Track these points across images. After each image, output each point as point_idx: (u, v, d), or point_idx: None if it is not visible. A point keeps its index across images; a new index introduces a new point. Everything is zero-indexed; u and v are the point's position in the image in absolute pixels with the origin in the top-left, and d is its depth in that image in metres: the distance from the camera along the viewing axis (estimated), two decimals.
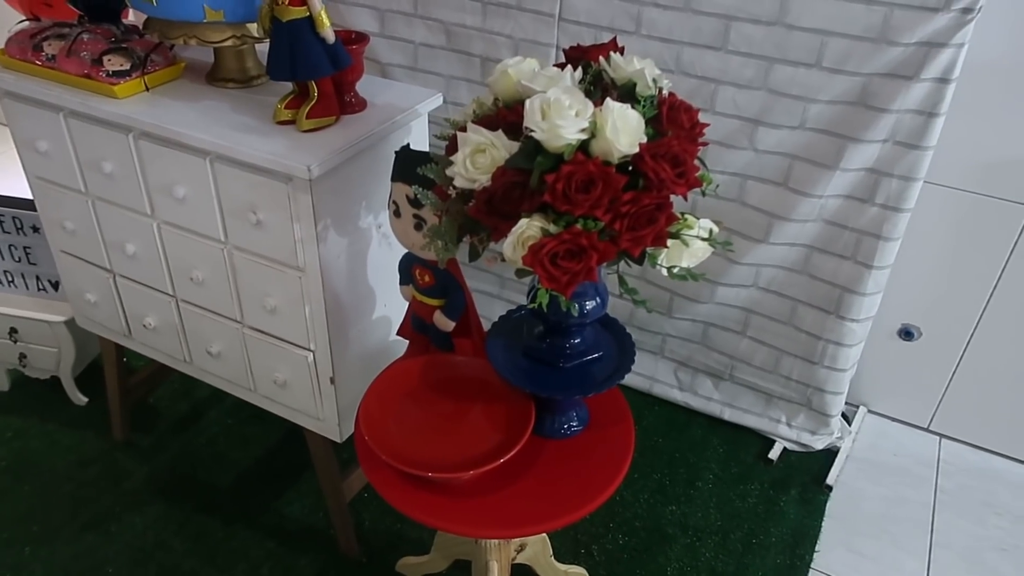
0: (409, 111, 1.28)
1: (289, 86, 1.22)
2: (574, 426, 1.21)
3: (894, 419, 2.05)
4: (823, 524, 1.77)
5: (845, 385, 1.86)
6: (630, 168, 0.90)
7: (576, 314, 1.05)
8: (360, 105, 1.27)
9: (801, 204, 1.68)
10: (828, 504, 1.81)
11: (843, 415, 1.96)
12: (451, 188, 0.94)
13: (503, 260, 0.92)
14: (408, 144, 1.11)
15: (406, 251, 1.21)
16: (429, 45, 1.92)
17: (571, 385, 1.13)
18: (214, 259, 1.33)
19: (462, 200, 0.95)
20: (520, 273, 0.91)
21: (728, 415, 1.98)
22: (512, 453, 1.07)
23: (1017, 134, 1.60)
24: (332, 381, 1.35)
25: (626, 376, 1.13)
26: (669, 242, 0.89)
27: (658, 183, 0.87)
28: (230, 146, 1.16)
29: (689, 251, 0.92)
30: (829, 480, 1.85)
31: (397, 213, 1.11)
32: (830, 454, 1.93)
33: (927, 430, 2.02)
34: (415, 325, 1.25)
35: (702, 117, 0.96)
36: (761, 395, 1.96)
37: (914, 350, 1.93)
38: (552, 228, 0.86)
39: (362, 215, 1.29)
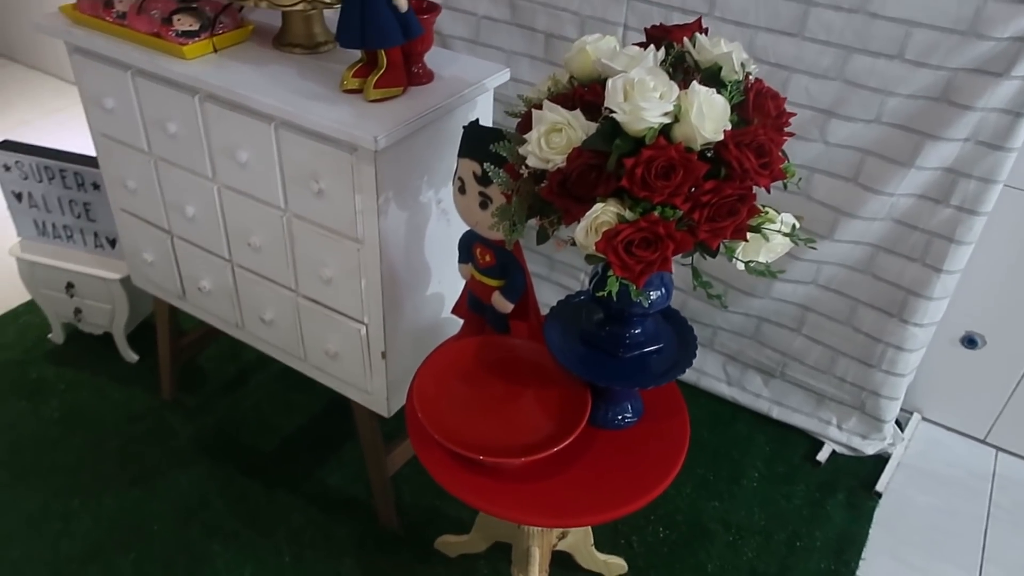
0: (476, 85, 1.25)
1: (357, 54, 1.20)
2: (628, 417, 1.19)
3: (949, 428, 1.98)
4: (870, 531, 1.72)
5: (902, 391, 1.80)
6: (710, 156, 0.86)
7: (655, 294, 1.02)
8: (427, 77, 1.24)
9: (871, 201, 1.62)
10: (876, 511, 1.76)
11: (896, 421, 1.90)
12: (523, 167, 0.91)
13: (573, 244, 0.90)
14: (477, 120, 1.09)
15: (467, 229, 1.18)
16: (492, 18, 1.89)
17: (629, 376, 1.11)
18: (272, 226, 1.33)
19: (533, 180, 0.92)
20: (591, 259, 0.88)
21: (776, 413, 1.94)
22: (567, 442, 1.05)
23: None
24: (383, 355, 1.34)
25: None
26: (748, 235, 0.85)
27: (741, 173, 0.84)
28: (296, 112, 1.15)
29: (768, 246, 0.88)
30: (879, 487, 1.80)
31: (462, 190, 1.08)
32: (880, 460, 1.87)
33: (983, 442, 1.96)
34: (471, 304, 1.23)
35: None
36: (812, 395, 1.91)
37: (976, 359, 1.86)
38: (628, 215, 0.83)
39: (423, 189, 1.27)
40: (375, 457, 1.55)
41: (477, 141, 1.04)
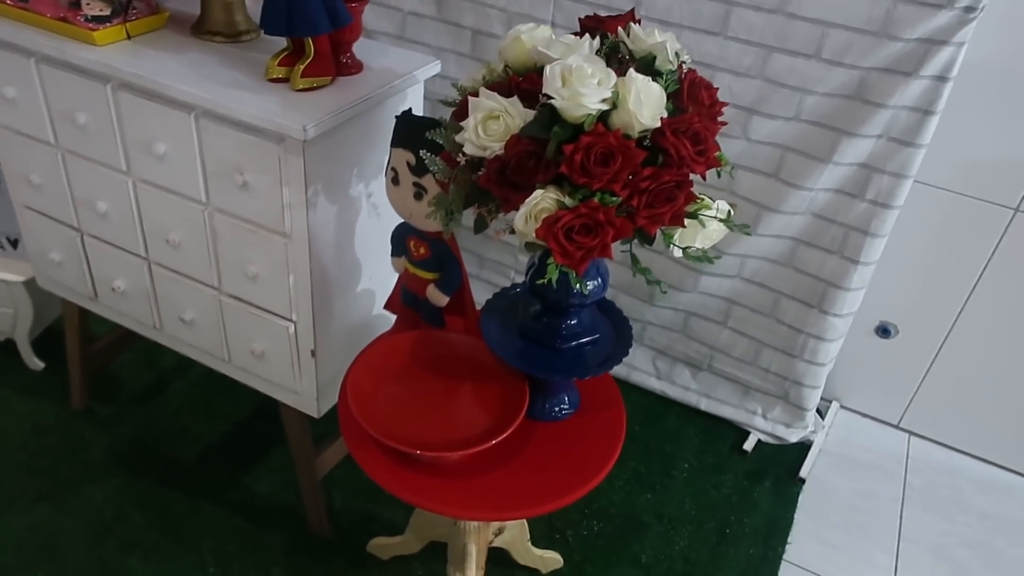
0: (407, 76, 1.23)
1: (282, 43, 1.16)
2: (565, 409, 1.19)
3: (865, 415, 2.07)
4: (795, 516, 1.77)
5: (823, 379, 1.87)
6: (647, 144, 0.87)
7: (583, 293, 1.02)
8: (356, 67, 1.21)
9: (791, 196, 1.67)
10: (800, 496, 1.82)
11: (816, 410, 1.97)
12: (460, 155, 0.89)
13: (511, 233, 0.89)
14: (410, 109, 1.07)
15: (400, 221, 1.16)
16: (418, 14, 1.87)
17: (566, 367, 1.10)
18: (193, 221, 1.27)
19: (470, 169, 0.91)
20: (530, 247, 0.87)
21: (705, 405, 1.98)
22: (505, 434, 1.04)
23: (1006, 136, 1.61)
24: (313, 354, 1.30)
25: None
26: (686, 222, 0.86)
27: (679, 160, 0.84)
28: (220, 101, 1.10)
29: (704, 232, 0.89)
30: (802, 473, 1.86)
31: (396, 181, 1.06)
32: (803, 447, 1.94)
33: (897, 427, 2.05)
34: (405, 299, 1.21)
35: None
36: (738, 386, 1.96)
37: (889, 348, 1.95)
38: (568, 201, 0.83)
39: (353, 183, 1.24)
40: (305, 460, 1.50)
41: (411, 130, 1.02)
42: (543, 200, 0.83)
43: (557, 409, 1.18)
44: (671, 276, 1.87)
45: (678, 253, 0.92)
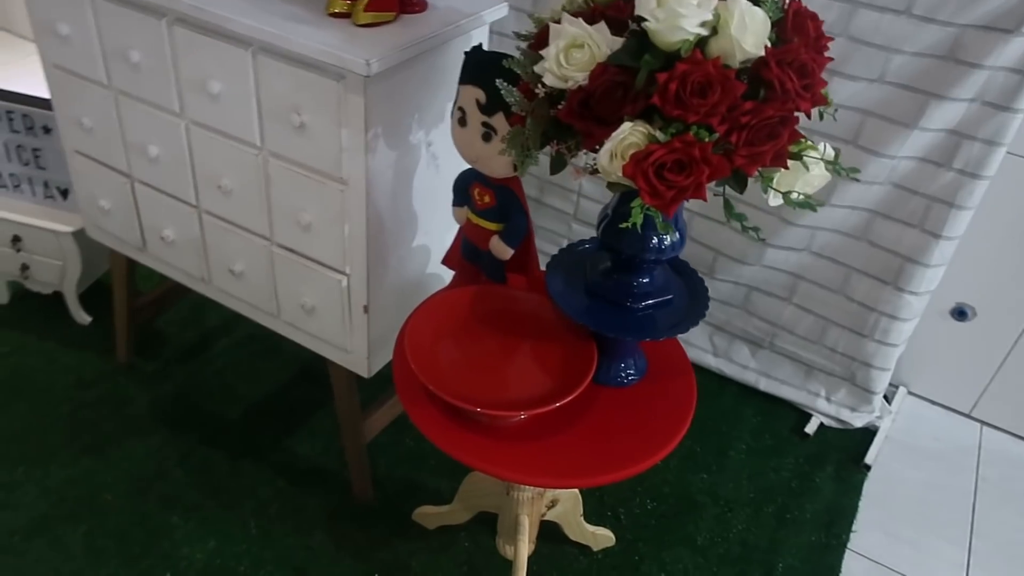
0: (474, 16, 1.16)
1: None
2: (631, 375, 1.11)
3: (934, 402, 1.96)
4: (860, 504, 1.68)
5: (893, 362, 1.76)
6: (745, 77, 0.79)
7: (670, 238, 0.95)
8: (420, 5, 1.14)
9: (871, 164, 1.57)
10: (865, 484, 1.73)
11: (883, 395, 1.87)
12: (538, 87, 0.82)
13: (593, 173, 0.82)
14: (480, 44, 0.99)
15: (464, 169, 1.09)
16: None
17: (637, 327, 1.03)
18: (247, 166, 1.21)
19: (549, 103, 0.84)
20: (614, 187, 0.80)
21: (764, 385, 1.89)
22: (573, 395, 0.97)
23: None
24: (366, 310, 1.25)
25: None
26: (789, 163, 0.78)
27: (783, 94, 0.76)
28: (278, 34, 1.04)
29: (806, 177, 0.81)
30: (867, 459, 1.76)
31: (463, 121, 0.99)
32: (867, 433, 1.84)
33: (968, 416, 1.93)
34: (465, 253, 1.14)
35: None
36: (801, 366, 1.86)
37: (965, 332, 1.84)
38: (660, 136, 0.75)
39: (414, 129, 1.18)
40: (351, 423, 1.45)
41: (481, 66, 0.95)
42: (631, 134, 0.76)
43: (623, 374, 1.11)
44: (733, 247, 1.78)
45: (775, 201, 0.83)
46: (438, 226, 1.34)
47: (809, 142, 0.81)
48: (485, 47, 1.21)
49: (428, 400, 1.04)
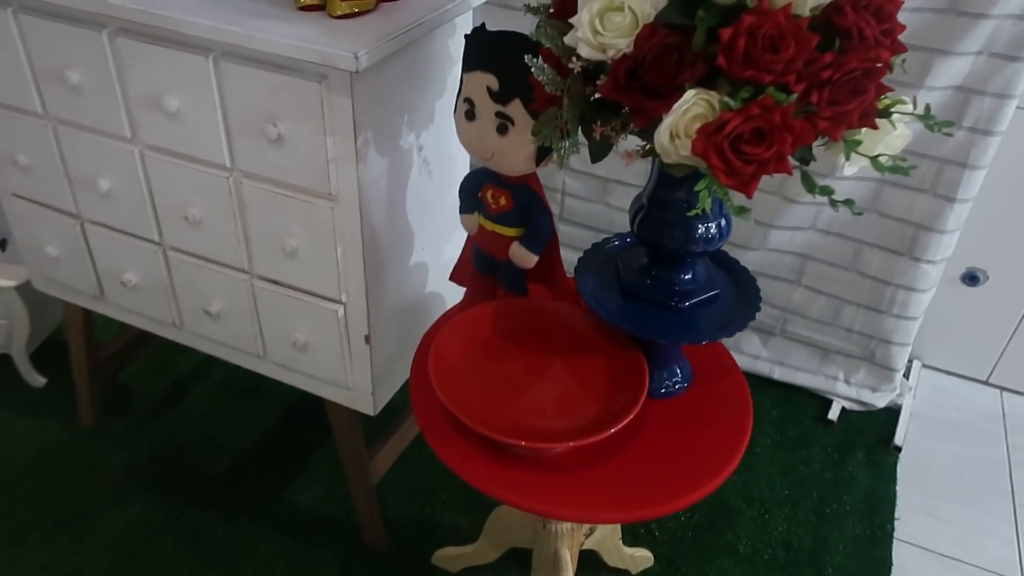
0: (460, 1, 1.03)
1: None
2: (679, 383, 1.00)
3: (950, 373, 1.89)
4: (897, 488, 1.60)
5: (913, 335, 1.69)
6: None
7: (716, 227, 0.84)
8: None
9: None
10: (899, 466, 1.64)
11: None
12: (573, 61, 0.70)
13: (647, 155, 0.70)
14: (483, 24, 0.87)
15: (471, 171, 0.97)
16: None
17: (688, 329, 0.92)
18: (216, 192, 1.07)
19: (583, 79, 0.72)
20: (677, 168, 0.68)
21: (778, 374, 1.80)
22: (629, 418, 0.85)
23: None
24: (367, 340, 1.11)
25: None
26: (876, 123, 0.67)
27: (862, 42, 0.65)
28: (244, 33, 0.90)
29: (887, 139, 0.71)
30: (897, 440, 1.68)
31: (470, 115, 0.86)
32: (891, 413, 1.76)
33: (987, 383, 1.87)
34: (479, 265, 1.01)
35: None
36: (816, 351, 1.78)
37: (977, 297, 1.77)
38: (732, 103, 0.64)
39: (404, 132, 1.05)
40: (357, 465, 1.31)
41: (489, 48, 0.82)
42: (696, 104, 0.64)
43: (670, 383, 0.99)
44: (736, 234, 1.69)
45: (850, 169, 0.73)
46: (434, 240, 1.22)
47: (899, 96, 0.70)
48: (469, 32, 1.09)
49: (457, 435, 0.91)
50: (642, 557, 1.39)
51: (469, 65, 0.84)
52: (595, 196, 1.80)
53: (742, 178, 0.64)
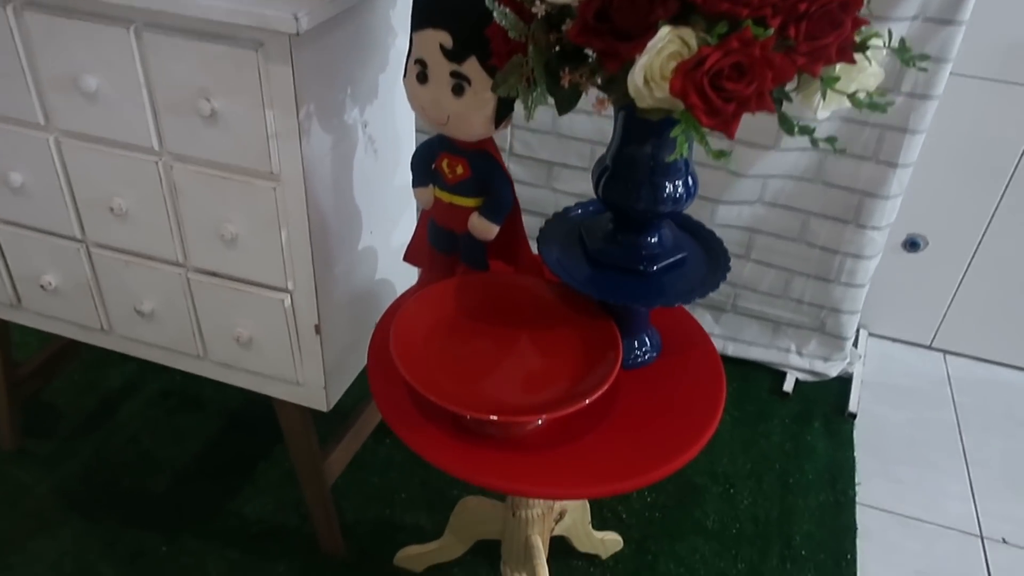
0: None
1: None
2: (649, 352, 0.97)
3: (896, 340, 1.93)
4: (855, 455, 1.61)
5: (861, 303, 1.71)
6: None
7: (683, 187, 0.80)
8: None
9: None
10: (855, 433, 1.66)
11: None
12: (536, 4, 0.66)
13: (618, 102, 0.66)
14: None
15: (423, 141, 0.91)
16: None
17: (659, 292, 0.88)
18: (144, 179, 0.99)
19: (547, 25, 0.67)
20: (652, 113, 0.64)
21: (732, 350, 1.80)
22: (605, 386, 0.81)
23: None
24: (317, 330, 1.04)
25: None
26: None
27: None
28: None
29: (861, 77, 0.69)
30: (851, 408, 1.70)
31: (423, 77, 0.81)
32: (843, 382, 1.78)
33: (930, 348, 1.91)
34: (436, 241, 0.96)
35: None
36: (767, 324, 1.78)
37: (918, 263, 1.81)
38: (709, 39, 0.60)
39: (348, 106, 0.99)
40: (310, 469, 1.24)
41: (440, 3, 0.77)
42: (672, 41, 0.61)
43: (640, 352, 0.96)
44: None
45: (823, 113, 0.71)
46: (383, 223, 1.16)
47: (874, 30, 0.68)
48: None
49: (424, 420, 0.86)
50: (612, 540, 1.36)
51: (419, 23, 0.79)
52: (540, 181, 1.76)
53: (723, 117, 0.60)
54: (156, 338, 1.15)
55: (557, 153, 1.71)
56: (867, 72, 0.69)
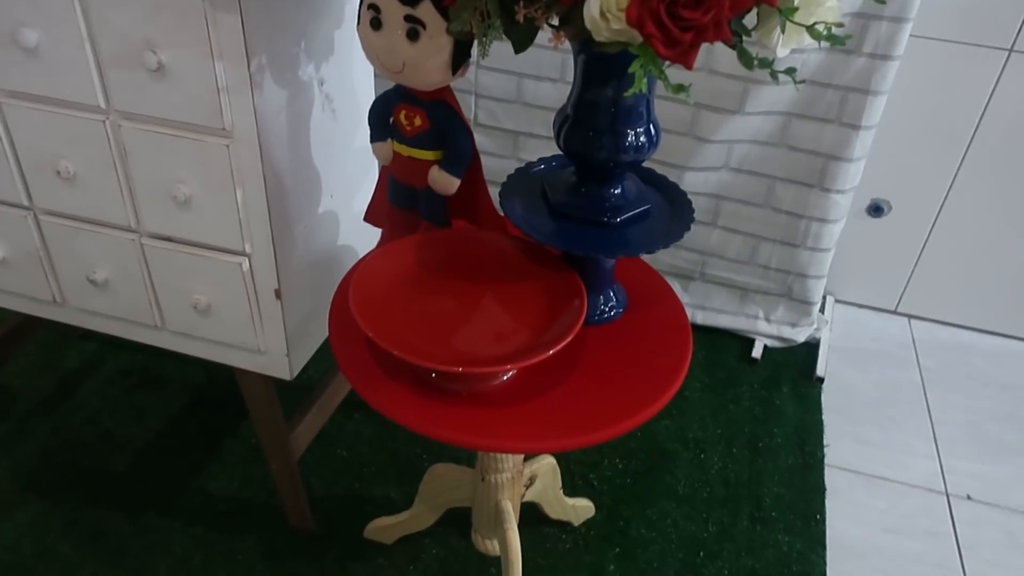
0: None
1: None
2: (615, 307, 0.96)
3: (862, 305, 1.95)
4: (824, 418, 1.62)
5: (827, 267, 1.71)
6: None
7: (645, 135, 0.79)
8: None
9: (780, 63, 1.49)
10: (823, 397, 1.67)
11: None
12: None
13: (574, 38, 0.64)
14: None
15: (380, 95, 0.89)
16: None
17: (624, 243, 0.87)
18: (91, 139, 0.95)
19: None
20: (609, 46, 0.63)
21: (701, 318, 1.80)
22: (570, 337, 0.80)
23: None
24: (278, 295, 1.02)
25: None
26: None
27: None
28: None
29: (819, 10, 0.68)
30: (819, 372, 1.71)
31: (376, 23, 0.79)
32: (811, 347, 1.79)
33: (895, 312, 1.93)
34: (396, 198, 0.94)
35: None
36: (735, 291, 1.79)
37: (882, 228, 1.82)
38: None
39: (302, 61, 0.96)
40: (276, 441, 1.21)
41: None
42: None
43: (606, 308, 0.95)
44: None
45: (783, 51, 0.70)
46: (343, 187, 1.13)
47: None
48: None
49: (389, 379, 0.84)
50: (584, 507, 1.35)
51: None
52: (506, 151, 1.75)
53: (681, 47, 0.59)
54: (111, 309, 1.12)
55: (522, 122, 1.69)
56: (824, 7, 0.68)
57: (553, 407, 0.83)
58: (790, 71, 0.69)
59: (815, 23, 0.66)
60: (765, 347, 1.77)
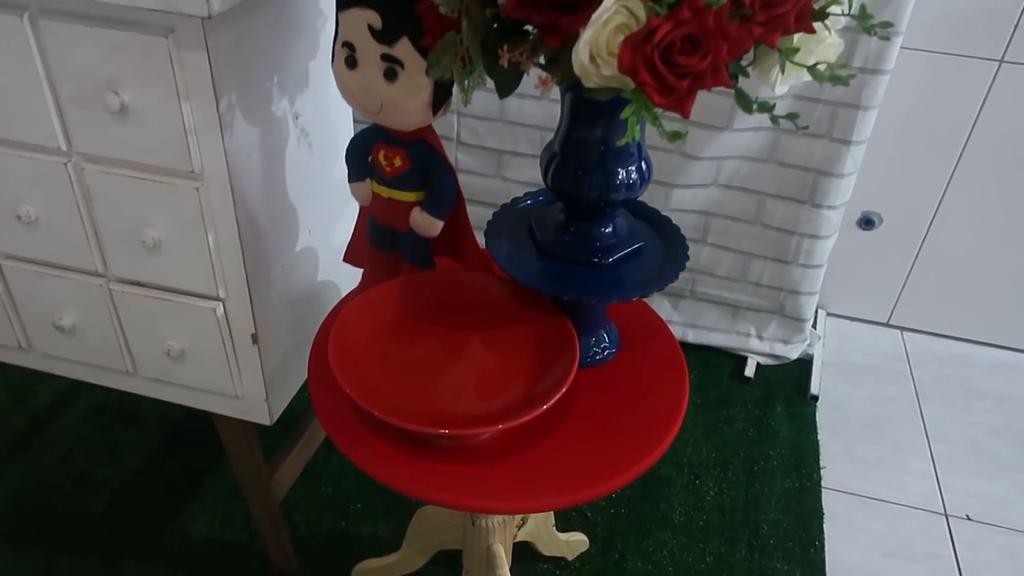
0: None
1: None
2: (608, 348, 0.92)
3: (854, 319, 1.92)
4: (819, 437, 1.59)
5: (819, 283, 1.69)
6: None
7: (637, 172, 0.75)
8: None
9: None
10: (817, 415, 1.64)
11: None
12: None
13: (562, 81, 0.60)
14: None
15: (357, 132, 0.85)
16: None
17: (616, 285, 0.83)
18: (53, 182, 0.90)
19: (483, 1, 0.61)
20: (602, 92, 0.59)
21: (692, 337, 1.77)
22: (562, 391, 0.76)
23: None
24: (255, 340, 0.97)
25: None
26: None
27: None
28: None
29: (819, 48, 0.64)
30: (813, 390, 1.68)
31: (352, 62, 0.74)
32: (804, 364, 1.76)
33: (887, 325, 1.91)
34: (376, 240, 0.89)
35: None
36: (726, 309, 1.75)
37: (873, 240, 1.80)
38: (659, 8, 0.55)
39: (275, 96, 0.91)
40: (256, 484, 1.16)
41: None
42: (618, 12, 0.55)
43: (598, 350, 0.91)
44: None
45: (781, 89, 0.66)
46: (322, 221, 1.09)
47: None
48: None
49: (370, 435, 0.80)
50: (577, 541, 1.31)
51: (345, 2, 0.72)
52: (490, 170, 1.71)
53: (677, 94, 0.55)
54: (80, 355, 1.06)
55: (506, 141, 1.65)
56: (826, 43, 0.64)
57: (545, 461, 0.79)
58: (791, 116, 0.66)
59: (816, 63, 0.62)
60: (758, 365, 1.74)
